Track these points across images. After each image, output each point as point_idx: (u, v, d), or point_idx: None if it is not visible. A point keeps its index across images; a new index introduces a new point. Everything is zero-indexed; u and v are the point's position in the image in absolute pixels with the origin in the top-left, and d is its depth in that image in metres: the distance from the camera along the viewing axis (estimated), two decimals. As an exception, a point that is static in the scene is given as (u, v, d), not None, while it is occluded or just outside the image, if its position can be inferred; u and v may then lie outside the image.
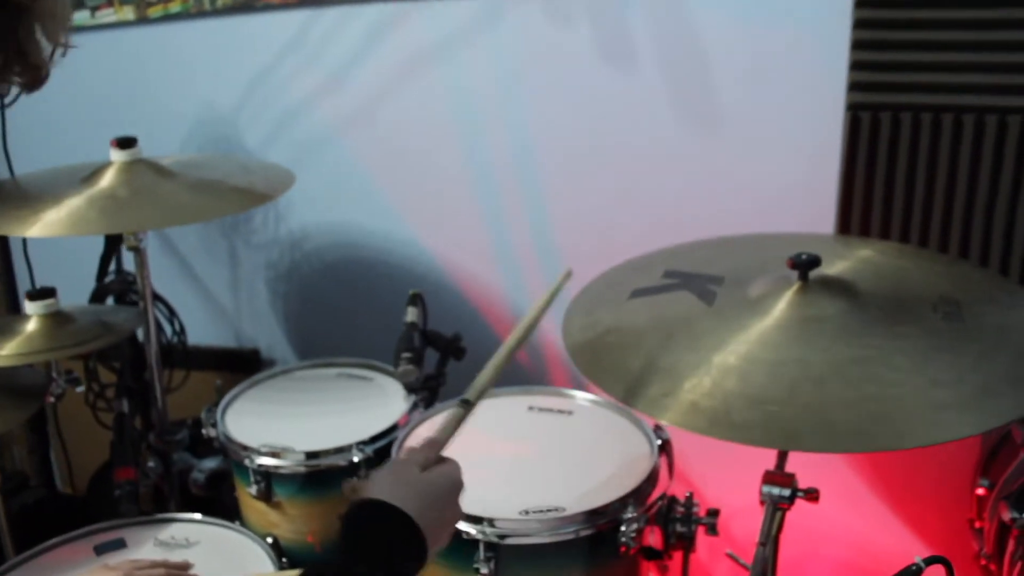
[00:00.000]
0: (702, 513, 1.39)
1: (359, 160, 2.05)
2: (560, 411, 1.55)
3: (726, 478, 1.72)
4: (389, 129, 2.01)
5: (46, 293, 1.48)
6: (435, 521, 0.90)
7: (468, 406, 1.04)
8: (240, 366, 2.17)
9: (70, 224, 1.39)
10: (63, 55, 0.77)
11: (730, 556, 1.44)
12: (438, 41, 1.93)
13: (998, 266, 1.66)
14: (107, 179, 1.53)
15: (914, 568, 0.90)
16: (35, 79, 0.77)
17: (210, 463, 1.67)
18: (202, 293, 2.23)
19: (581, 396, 1.58)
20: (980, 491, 1.68)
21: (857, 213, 1.74)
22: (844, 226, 1.74)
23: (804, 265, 1.31)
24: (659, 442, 1.44)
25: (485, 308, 2.06)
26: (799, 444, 1.10)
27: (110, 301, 1.83)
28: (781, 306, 1.29)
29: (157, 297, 1.95)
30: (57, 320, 1.50)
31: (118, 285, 1.82)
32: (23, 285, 1.54)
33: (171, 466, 1.67)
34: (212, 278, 2.22)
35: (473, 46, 1.91)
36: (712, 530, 1.40)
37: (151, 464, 1.68)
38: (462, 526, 1.25)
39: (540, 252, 1.99)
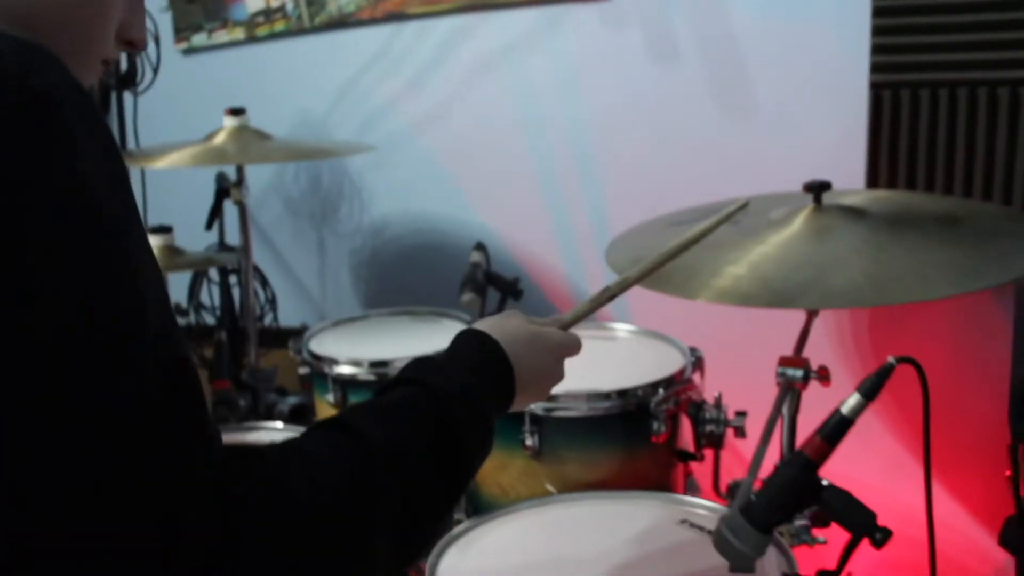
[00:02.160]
0: (731, 416, 1.53)
1: (434, 156, 2.31)
2: (604, 339, 1.72)
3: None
4: (461, 127, 2.27)
5: (164, 229, 1.75)
6: (526, 362, 0.94)
7: (607, 293, 1.06)
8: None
9: (192, 160, 1.67)
10: None
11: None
12: (504, 47, 2.19)
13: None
14: (220, 138, 1.82)
15: (887, 367, 1.04)
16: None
17: (293, 399, 1.88)
18: (293, 279, 2.48)
19: (622, 327, 1.75)
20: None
21: (883, 183, 1.91)
22: (871, 192, 1.91)
23: (817, 188, 1.49)
24: (693, 358, 1.60)
25: (547, 287, 2.26)
26: (831, 303, 1.28)
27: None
28: (798, 221, 1.46)
29: (254, 268, 2.21)
30: (169, 252, 1.76)
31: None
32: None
33: (259, 402, 1.88)
34: (302, 266, 2.48)
35: (535, 51, 2.17)
36: (741, 433, 1.53)
37: (242, 402, 1.90)
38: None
39: (597, 234, 2.19)
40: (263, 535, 0.64)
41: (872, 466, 2.04)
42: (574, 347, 1.05)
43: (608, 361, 1.62)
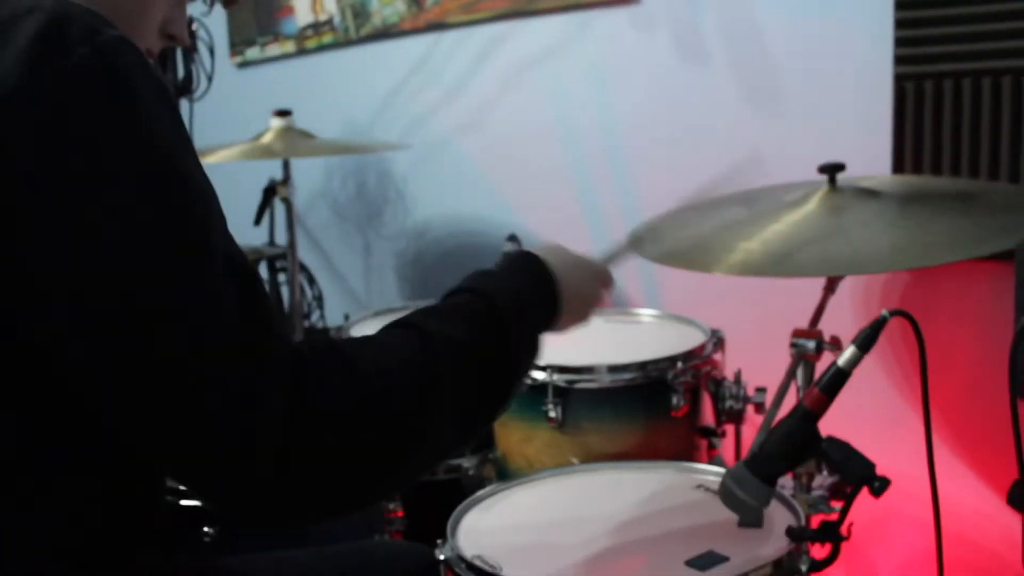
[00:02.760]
0: (751, 392, 1.57)
1: (473, 159, 2.40)
2: (630, 323, 1.78)
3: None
4: (498, 131, 2.36)
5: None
6: (571, 282, 1.04)
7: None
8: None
9: (240, 155, 1.79)
10: None
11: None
12: (538, 52, 2.28)
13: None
14: (267, 137, 1.93)
15: (880, 319, 1.08)
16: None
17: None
18: (339, 280, 2.59)
19: (647, 311, 1.81)
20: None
21: (908, 172, 1.94)
22: (896, 181, 1.94)
23: (831, 169, 1.54)
24: (715, 338, 1.65)
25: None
26: (836, 269, 1.34)
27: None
28: (813, 201, 1.51)
29: (302, 267, 2.32)
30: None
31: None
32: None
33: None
34: (348, 267, 2.58)
35: (568, 54, 2.25)
36: (762, 409, 1.57)
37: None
38: (533, 373, 1.49)
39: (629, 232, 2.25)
40: (337, 412, 0.75)
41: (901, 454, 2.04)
42: (610, 277, 1.17)
43: (632, 340, 1.68)
